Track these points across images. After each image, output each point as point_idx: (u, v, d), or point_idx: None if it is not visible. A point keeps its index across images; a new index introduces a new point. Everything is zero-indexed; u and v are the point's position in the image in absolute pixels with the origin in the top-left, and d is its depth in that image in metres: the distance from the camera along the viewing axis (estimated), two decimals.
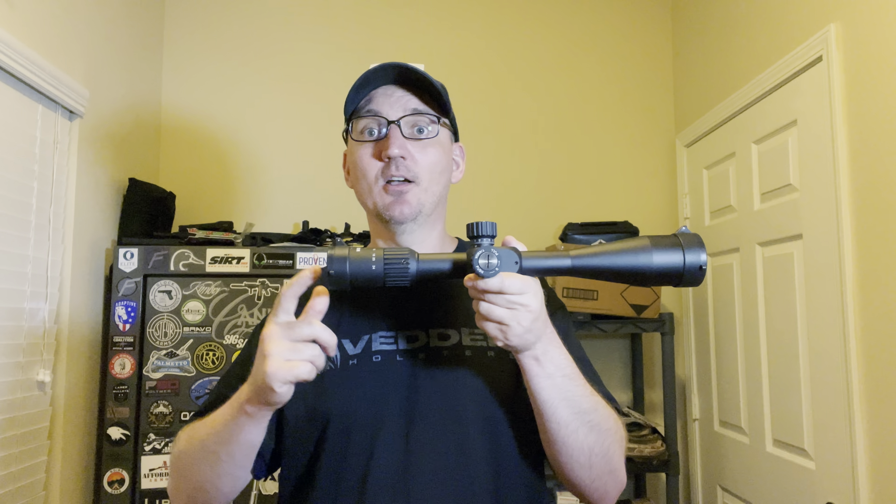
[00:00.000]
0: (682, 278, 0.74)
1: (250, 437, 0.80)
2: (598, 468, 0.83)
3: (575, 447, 0.81)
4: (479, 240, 0.74)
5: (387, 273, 0.74)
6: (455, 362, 0.88)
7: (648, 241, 0.74)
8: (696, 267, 0.73)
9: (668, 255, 0.73)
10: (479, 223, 0.74)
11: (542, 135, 2.57)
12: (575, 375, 0.80)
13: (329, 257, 0.75)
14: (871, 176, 1.51)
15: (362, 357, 0.89)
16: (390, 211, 0.90)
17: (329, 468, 0.85)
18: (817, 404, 1.69)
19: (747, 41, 2.05)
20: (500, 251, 0.73)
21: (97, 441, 1.96)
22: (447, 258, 0.77)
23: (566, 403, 0.79)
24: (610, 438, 0.83)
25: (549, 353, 0.78)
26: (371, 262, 0.74)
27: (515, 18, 2.61)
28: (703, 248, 0.74)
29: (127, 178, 2.11)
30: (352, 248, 0.76)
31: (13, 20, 1.52)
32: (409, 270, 0.74)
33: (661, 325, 2.21)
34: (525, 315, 0.73)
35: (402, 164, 0.90)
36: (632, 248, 0.74)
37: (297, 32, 2.53)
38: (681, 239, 0.74)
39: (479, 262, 0.72)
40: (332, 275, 0.74)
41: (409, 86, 0.93)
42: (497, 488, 0.84)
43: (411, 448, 0.83)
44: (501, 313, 0.72)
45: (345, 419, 0.86)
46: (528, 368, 0.78)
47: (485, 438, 0.85)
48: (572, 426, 0.80)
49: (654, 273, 0.73)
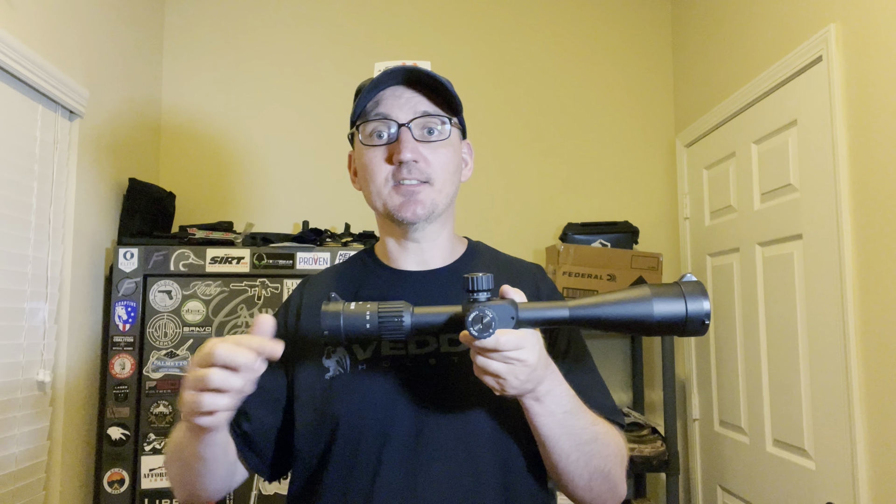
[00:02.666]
0: (685, 329, 0.71)
1: (207, 451, 0.81)
2: (597, 489, 0.85)
3: (576, 473, 0.83)
4: (475, 294, 0.72)
5: (381, 328, 0.74)
6: (465, 369, 0.86)
7: (649, 291, 0.72)
8: (700, 318, 0.70)
9: (670, 304, 0.71)
10: (475, 277, 0.72)
11: (542, 135, 2.57)
12: (576, 409, 0.81)
13: (322, 313, 0.74)
14: (871, 176, 1.51)
15: (371, 362, 0.88)
16: (402, 212, 0.89)
17: (338, 473, 0.85)
18: (817, 404, 1.69)
19: (747, 41, 2.05)
20: (495, 307, 0.71)
21: (97, 441, 1.96)
22: (443, 312, 0.75)
23: (567, 437, 0.80)
24: (610, 462, 0.85)
25: (550, 393, 0.78)
26: (365, 318, 0.73)
27: (515, 19, 2.61)
28: (706, 296, 0.71)
29: (127, 178, 2.11)
30: (346, 305, 0.74)
31: (13, 20, 1.52)
32: (404, 325, 0.74)
33: None
34: (522, 369, 0.73)
35: (415, 167, 0.89)
36: (632, 299, 0.72)
37: (298, 32, 2.53)
38: (682, 288, 0.72)
39: (474, 327, 0.70)
40: (326, 334, 0.73)
41: (418, 86, 0.92)
42: (506, 494, 0.84)
43: (420, 454, 0.83)
44: (498, 367, 0.72)
45: (354, 424, 0.85)
46: (529, 408, 0.79)
47: (494, 445, 0.85)
48: (573, 457, 0.81)
49: (655, 323, 0.71)
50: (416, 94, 0.91)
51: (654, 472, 2.18)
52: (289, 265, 1.98)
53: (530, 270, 1.03)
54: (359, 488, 0.83)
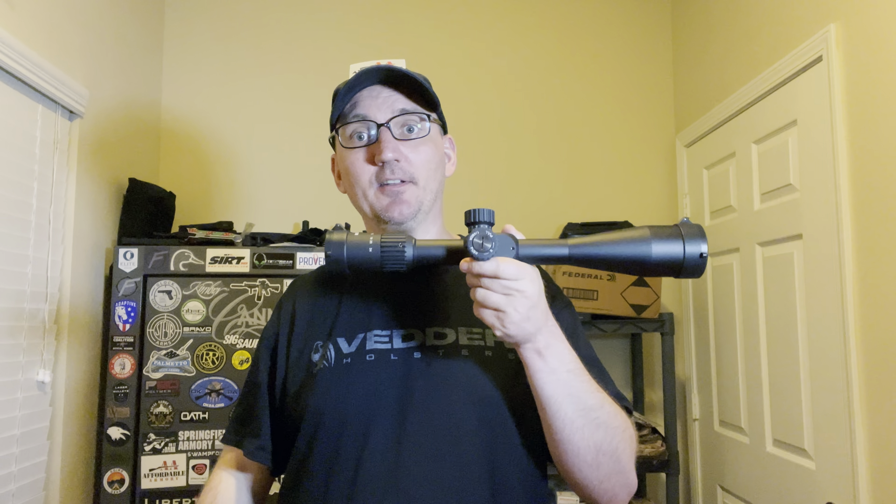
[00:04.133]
0: (681, 269, 0.72)
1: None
2: (605, 467, 0.80)
3: (581, 445, 0.78)
4: (477, 226, 0.73)
5: (384, 257, 0.74)
6: (450, 361, 0.86)
7: (648, 231, 0.72)
8: (697, 256, 0.71)
9: (668, 245, 0.72)
10: (478, 209, 0.73)
11: (542, 135, 2.57)
12: (579, 371, 0.78)
13: (327, 241, 0.74)
14: (871, 176, 1.51)
15: (356, 355, 0.88)
16: (389, 212, 0.90)
17: (321, 465, 0.85)
18: (817, 404, 1.69)
19: (747, 41, 2.05)
20: (496, 236, 0.72)
21: (97, 441, 1.96)
22: (444, 244, 0.76)
23: (571, 399, 0.77)
24: (618, 437, 0.80)
25: (551, 347, 0.76)
26: (368, 246, 0.74)
27: (515, 19, 2.61)
28: (705, 237, 0.72)
29: (127, 178, 2.11)
30: (350, 233, 0.75)
31: (13, 20, 1.52)
32: (406, 256, 0.74)
33: (661, 325, 2.21)
34: (522, 301, 0.71)
35: (397, 166, 0.89)
36: (631, 238, 0.72)
37: (298, 32, 2.53)
38: (682, 229, 0.73)
39: (474, 243, 0.71)
40: (329, 256, 0.74)
41: (394, 85, 0.92)
42: (493, 489, 0.82)
43: (403, 446, 0.81)
44: (497, 299, 0.71)
45: (337, 416, 0.85)
46: (530, 363, 0.76)
47: (480, 439, 0.83)
48: (578, 423, 0.77)
49: (653, 263, 0.72)
50: (394, 93, 0.91)
51: (654, 472, 2.18)
52: (289, 265, 1.98)
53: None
54: (341, 480, 0.82)
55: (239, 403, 1.02)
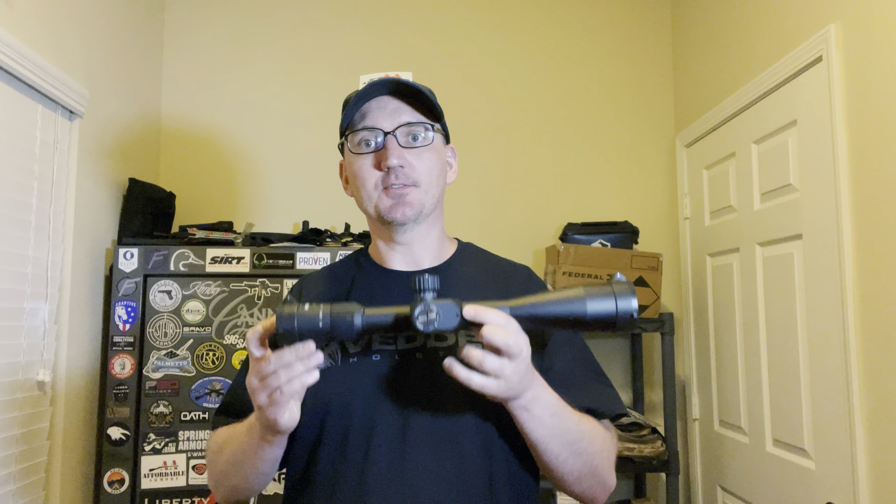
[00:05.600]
0: (615, 325, 0.77)
1: (272, 456, 0.90)
2: (586, 482, 0.91)
3: (565, 471, 0.88)
4: (423, 293, 0.77)
5: (333, 328, 0.77)
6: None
7: (583, 291, 0.77)
8: (628, 315, 0.76)
9: (602, 303, 0.76)
10: (422, 278, 0.77)
11: (542, 135, 2.57)
12: (562, 411, 0.85)
13: (278, 315, 0.77)
14: (871, 176, 1.51)
15: (362, 355, 0.93)
16: (392, 214, 0.95)
17: (329, 461, 0.90)
18: (817, 404, 1.69)
19: (747, 41, 2.05)
20: (440, 305, 0.76)
21: (97, 441, 1.96)
22: (392, 312, 0.79)
23: (556, 439, 0.85)
24: (597, 458, 0.89)
25: (536, 399, 0.82)
26: (318, 320, 0.76)
27: (515, 19, 2.61)
28: (634, 294, 0.77)
29: (127, 178, 2.11)
30: (300, 306, 0.77)
31: (13, 20, 1.52)
32: (355, 325, 0.77)
33: (661, 325, 2.21)
34: (516, 367, 0.75)
35: (402, 172, 0.94)
36: (567, 298, 0.77)
37: (297, 33, 2.53)
38: (614, 287, 0.78)
39: (419, 320, 0.75)
40: (280, 333, 0.76)
41: (401, 96, 0.97)
42: (490, 480, 0.89)
43: (407, 440, 0.87)
44: (492, 364, 0.74)
45: (342, 414, 0.90)
46: (518, 416, 0.83)
47: (478, 434, 0.90)
48: (562, 456, 0.86)
49: (588, 320, 0.76)
50: (400, 104, 0.97)
51: (654, 472, 2.18)
52: (289, 265, 1.98)
53: (520, 271, 1.08)
54: (350, 475, 0.87)
55: (230, 393, 1.03)
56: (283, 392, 0.76)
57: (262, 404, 0.78)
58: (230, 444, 0.93)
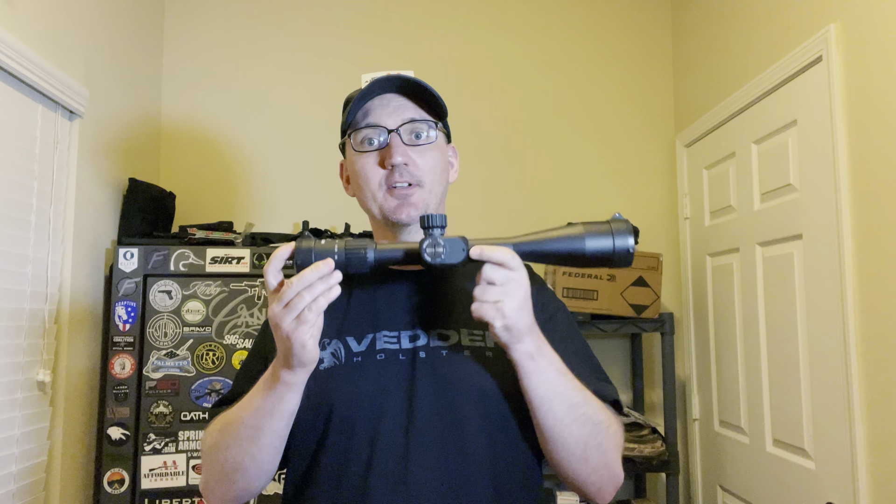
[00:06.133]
0: (612, 260, 0.81)
1: (290, 405, 0.85)
2: (593, 461, 0.86)
3: (570, 441, 0.85)
4: (430, 230, 0.81)
5: (348, 261, 0.80)
6: (454, 361, 0.92)
7: (582, 228, 0.82)
8: (625, 250, 0.81)
9: (600, 240, 0.81)
10: (430, 215, 0.81)
11: (541, 135, 2.57)
12: (565, 370, 0.85)
13: (296, 248, 0.80)
14: (871, 176, 1.51)
15: (367, 354, 0.93)
16: (397, 214, 0.94)
17: (334, 459, 0.89)
18: (817, 404, 1.69)
19: (747, 41, 2.05)
20: (447, 240, 0.80)
21: (97, 441, 1.96)
22: (401, 247, 0.83)
23: (560, 398, 0.83)
24: (603, 432, 0.86)
25: (541, 349, 0.82)
26: (334, 252, 0.80)
27: (514, 19, 2.61)
28: (631, 232, 0.82)
29: (127, 178, 2.11)
30: (317, 241, 0.81)
31: (13, 20, 1.52)
32: (368, 259, 0.81)
33: (661, 325, 2.21)
34: (517, 290, 0.78)
35: (406, 170, 0.94)
36: (567, 235, 0.82)
37: (297, 32, 2.53)
38: (612, 225, 0.82)
39: (427, 247, 0.79)
40: (298, 265, 0.80)
41: (404, 94, 0.97)
42: (494, 479, 0.88)
43: (411, 439, 0.87)
44: (496, 292, 0.78)
45: (348, 411, 0.89)
46: (522, 365, 0.82)
47: (482, 434, 0.89)
48: (566, 420, 0.83)
49: (587, 256, 0.81)
50: (404, 102, 0.97)
51: (654, 472, 2.18)
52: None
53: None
54: (354, 473, 0.87)
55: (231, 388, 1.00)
56: (312, 309, 0.76)
57: (288, 330, 0.77)
58: (239, 412, 0.87)
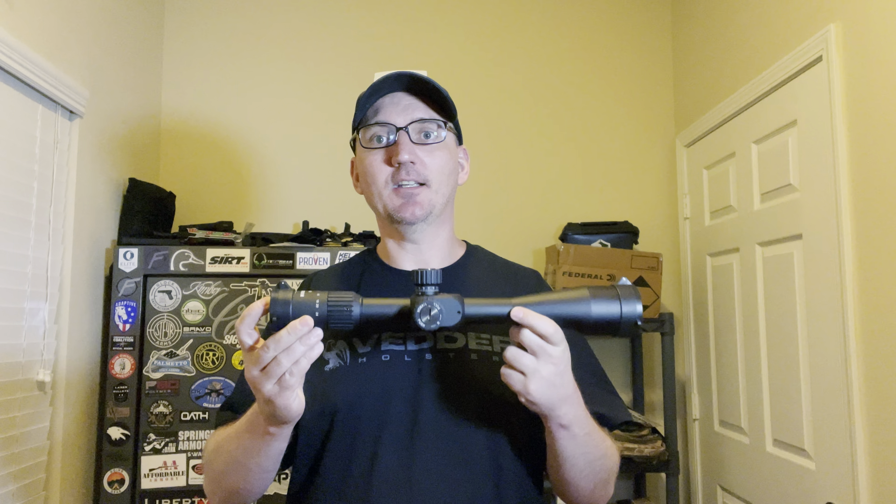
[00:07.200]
0: (619, 329, 0.75)
1: (277, 450, 0.85)
2: (598, 494, 0.91)
3: (583, 485, 0.88)
4: (424, 288, 0.75)
5: (330, 316, 0.74)
6: (460, 364, 0.91)
7: (588, 292, 0.76)
8: (632, 319, 0.74)
9: (606, 305, 0.75)
10: (423, 272, 0.75)
11: (541, 135, 2.57)
12: (593, 430, 0.85)
13: (272, 300, 0.73)
14: (871, 176, 1.51)
15: (372, 355, 0.92)
16: (402, 213, 0.94)
17: (337, 460, 0.88)
18: (817, 404, 1.69)
19: (747, 41, 2.05)
20: (442, 301, 0.74)
21: (97, 441, 1.96)
22: (392, 304, 0.77)
23: (583, 457, 0.84)
24: (612, 472, 0.90)
25: (576, 418, 0.80)
26: (314, 307, 0.73)
27: (515, 19, 2.61)
28: (639, 300, 0.75)
29: (127, 178, 2.11)
30: (295, 293, 0.75)
31: (13, 20, 1.52)
32: (353, 315, 0.74)
33: (661, 325, 2.21)
34: (548, 367, 0.74)
35: (413, 168, 0.93)
36: (572, 299, 0.76)
37: (298, 32, 2.53)
38: (619, 291, 0.76)
39: (422, 319, 0.74)
40: (274, 321, 0.73)
41: (415, 93, 0.96)
42: (497, 483, 0.88)
43: (416, 442, 0.86)
44: (527, 361, 0.74)
45: (351, 413, 0.89)
46: (554, 431, 0.80)
47: (486, 436, 0.89)
48: (585, 472, 0.86)
49: (592, 322, 0.75)
50: (414, 101, 0.96)
51: (654, 472, 2.18)
52: (289, 265, 1.98)
53: (528, 275, 1.07)
54: (357, 474, 0.86)
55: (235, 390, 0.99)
56: (293, 373, 0.72)
57: (269, 394, 0.73)
58: (228, 443, 0.88)
